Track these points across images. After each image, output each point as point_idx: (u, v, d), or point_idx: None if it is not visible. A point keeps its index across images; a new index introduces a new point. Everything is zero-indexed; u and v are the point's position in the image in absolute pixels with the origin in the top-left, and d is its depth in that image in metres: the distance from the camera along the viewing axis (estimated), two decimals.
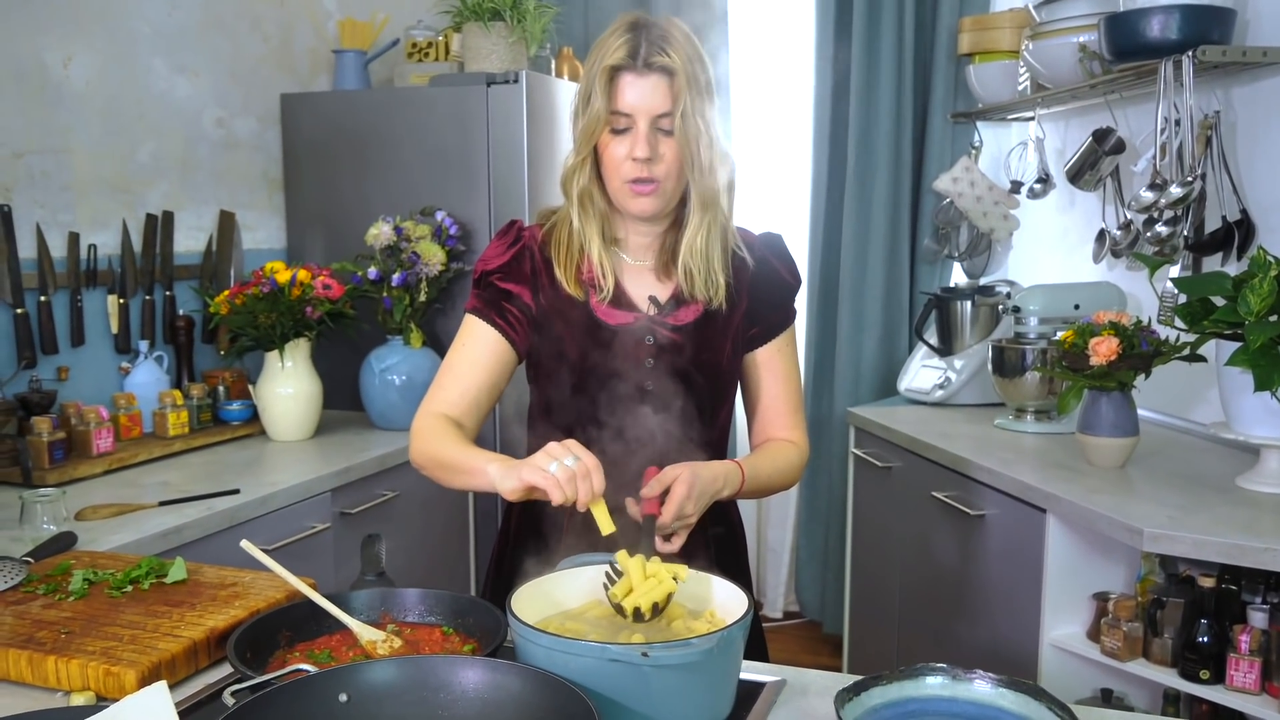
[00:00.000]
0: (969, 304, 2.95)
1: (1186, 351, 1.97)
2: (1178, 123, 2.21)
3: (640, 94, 1.31)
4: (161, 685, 0.95)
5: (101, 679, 1.04)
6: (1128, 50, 2.23)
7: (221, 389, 2.53)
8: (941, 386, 2.88)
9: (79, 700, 1.03)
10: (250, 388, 2.50)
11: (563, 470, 1.12)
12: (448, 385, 1.39)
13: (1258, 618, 1.72)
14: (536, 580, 1.06)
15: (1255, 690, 1.69)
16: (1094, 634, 1.92)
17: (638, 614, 1.02)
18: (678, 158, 1.33)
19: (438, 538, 2.64)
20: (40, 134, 2.21)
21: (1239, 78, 2.25)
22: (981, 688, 0.97)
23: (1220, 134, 2.25)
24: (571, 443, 1.16)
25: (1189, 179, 2.13)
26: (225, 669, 1.14)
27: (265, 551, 1.99)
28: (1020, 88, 2.93)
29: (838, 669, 2.79)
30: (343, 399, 2.76)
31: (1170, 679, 1.77)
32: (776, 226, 3.62)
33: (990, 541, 2.17)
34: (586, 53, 3.52)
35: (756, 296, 1.45)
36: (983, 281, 3.24)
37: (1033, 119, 3.12)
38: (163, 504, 1.86)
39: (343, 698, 0.91)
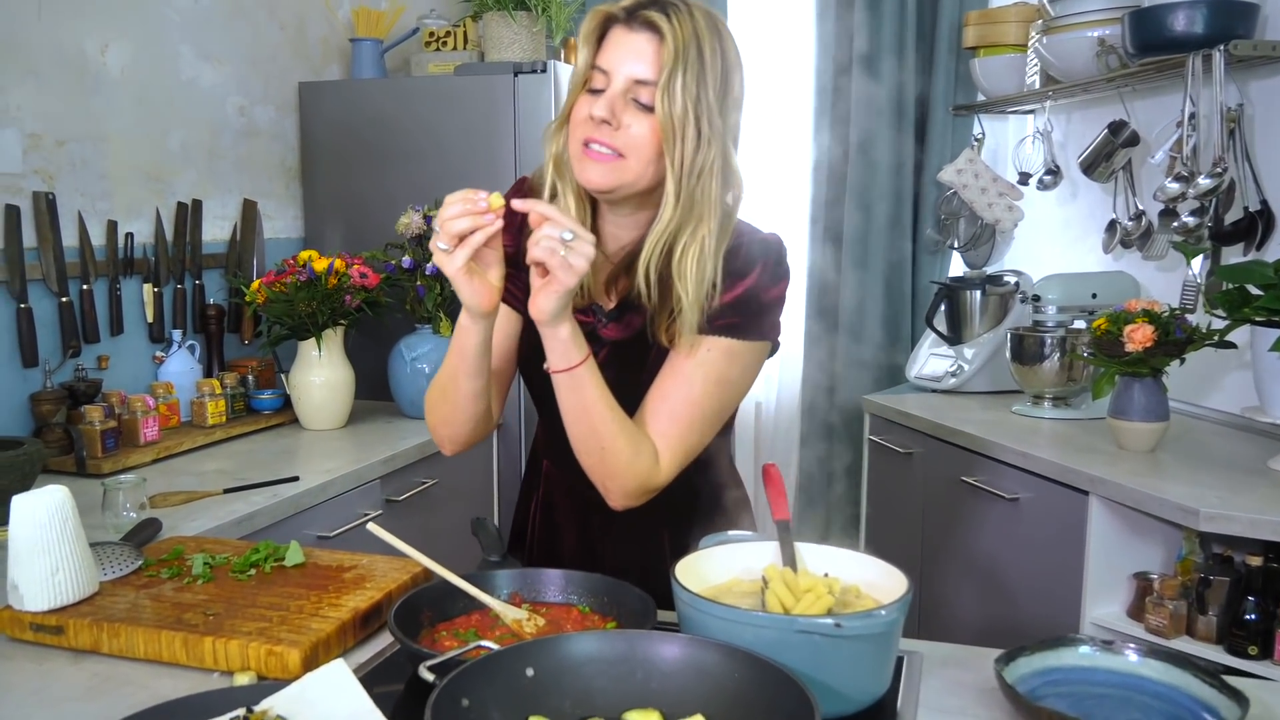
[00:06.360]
0: (979, 293, 3.03)
1: (1217, 339, 2.05)
2: (1192, 116, 2.29)
3: (621, 51, 1.16)
4: (341, 663, 0.97)
5: (264, 659, 1.05)
6: (1152, 44, 2.31)
7: (250, 378, 2.52)
8: (954, 374, 2.96)
9: (242, 680, 1.04)
10: (282, 377, 2.49)
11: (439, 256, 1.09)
12: None
13: None
14: (685, 559, 1.09)
15: None
16: (1135, 613, 2.00)
17: None
18: (651, 136, 1.15)
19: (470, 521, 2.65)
20: (80, 121, 2.18)
21: (1257, 71, 2.34)
22: (1124, 657, 1.03)
23: (1241, 127, 2.34)
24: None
25: (1218, 170, 2.22)
26: (369, 650, 1.15)
27: (327, 539, 2.01)
28: (1029, 81, 3.01)
29: None
30: (365, 388, 2.75)
31: (1217, 655, 1.84)
32: (778, 215, 3.63)
33: (1026, 525, 2.25)
34: None
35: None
36: (988, 271, 3.33)
37: (1032, 112, 3.21)
38: (227, 491, 1.86)
39: (529, 672, 0.93)
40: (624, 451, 1.18)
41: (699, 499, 1.34)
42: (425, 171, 2.79)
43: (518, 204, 1.08)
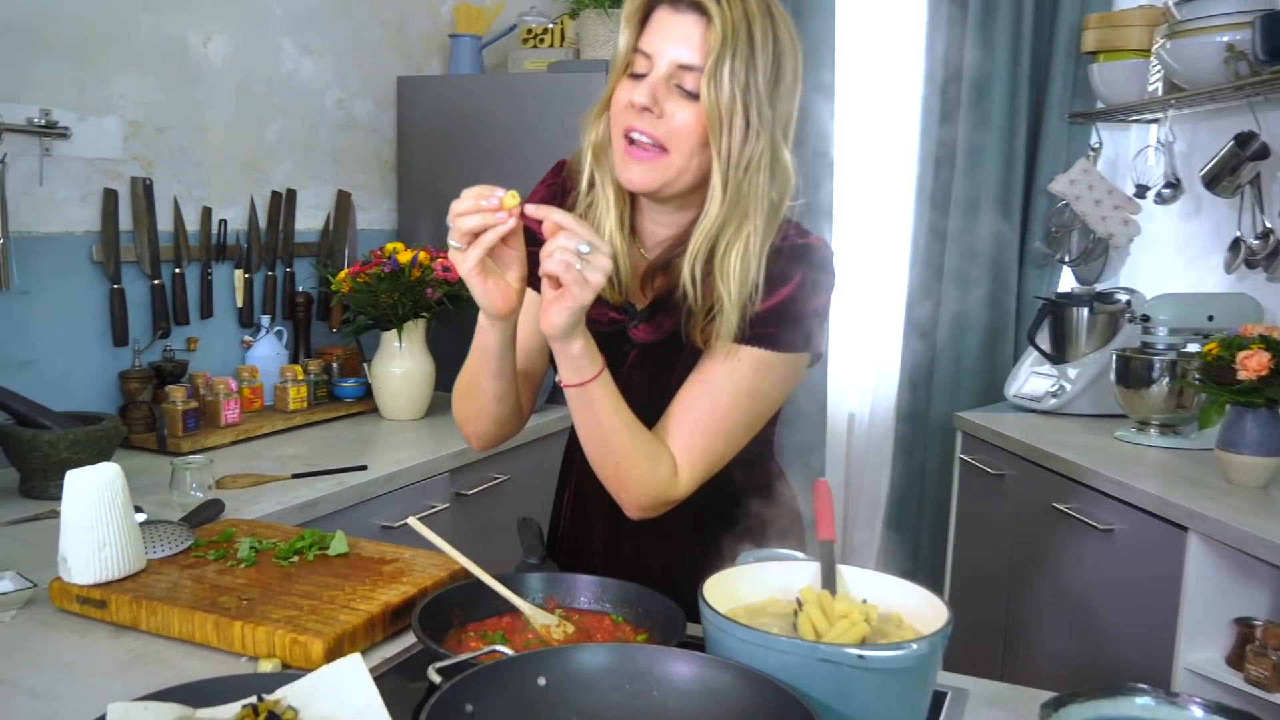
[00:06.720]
0: (1086, 311, 2.86)
1: None
2: None
3: (665, 33, 1.08)
4: (356, 658, 0.96)
5: (288, 647, 1.05)
6: None
7: (335, 366, 2.56)
8: (1055, 395, 2.81)
9: (266, 667, 1.04)
10: (365, 366, 2.53)
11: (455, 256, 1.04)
12: None
13: None
14: (720, 574, 1.04)
15: None
16: (1235, 661, 1.85)
17: None
18: (696, 126, 1.07)
19: (545, 520, 2.64)
20: (180, 110, 2.26)
21: None
22: (1189, 712, 0.93)
23: None
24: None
25: None
26: (397, 645, 1.14)
27: (390, 529, 2.02)
28: (1151, 88, 2.83)
29: None
30: (446, 381, 2.76)
31: None
32: (878, 223, 3.51)
33: (1119, 558, 2.11)
34: None
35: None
36: (1099, 288, 3.15)
37: (1156, 121, 3.02)
38: (295, 476, 1.89)
39: (541, 681, 0.90)
40: (639, 467, 1.12)
41: (734, 504, 1.26)
42: (518, 167, 2.80)
43: (531, 209, 1.02)
